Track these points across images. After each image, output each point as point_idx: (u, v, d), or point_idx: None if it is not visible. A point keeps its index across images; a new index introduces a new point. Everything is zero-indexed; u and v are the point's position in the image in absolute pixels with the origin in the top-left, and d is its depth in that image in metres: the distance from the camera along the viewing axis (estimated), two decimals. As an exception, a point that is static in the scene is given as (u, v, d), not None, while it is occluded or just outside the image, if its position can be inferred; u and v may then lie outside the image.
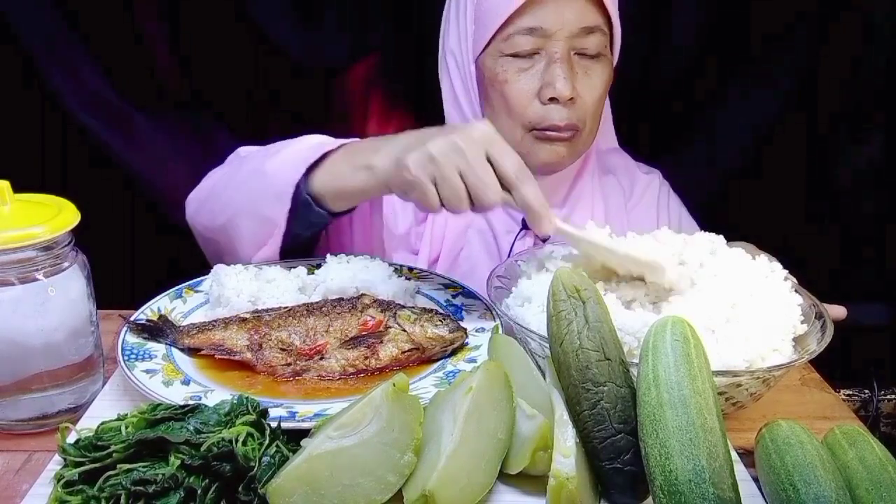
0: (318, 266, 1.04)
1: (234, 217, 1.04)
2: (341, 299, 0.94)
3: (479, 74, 1.16)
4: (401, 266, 1.08)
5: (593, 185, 1.24)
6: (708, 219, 1.27)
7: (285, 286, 0.98)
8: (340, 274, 0.98)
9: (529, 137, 1.13)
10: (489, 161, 0.85)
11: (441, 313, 0.91)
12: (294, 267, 1.02)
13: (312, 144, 1.01)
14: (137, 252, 1.55)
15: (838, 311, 0.96)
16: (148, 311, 0.94)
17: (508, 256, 1.16)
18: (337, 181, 0.97)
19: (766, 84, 1.52)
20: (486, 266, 1.11)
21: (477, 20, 1.14)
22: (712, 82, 1.54)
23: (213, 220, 1.08)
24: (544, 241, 1.14)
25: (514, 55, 1.10)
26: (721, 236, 0.94)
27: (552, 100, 1.09)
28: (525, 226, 1.19)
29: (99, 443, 0.66)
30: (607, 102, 1.26)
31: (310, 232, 1.04)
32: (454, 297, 1.02)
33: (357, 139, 1.01)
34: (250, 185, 1.03)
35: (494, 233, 1.22)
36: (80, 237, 0.81)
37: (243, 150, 1.12)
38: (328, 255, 1.04)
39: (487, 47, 1.13)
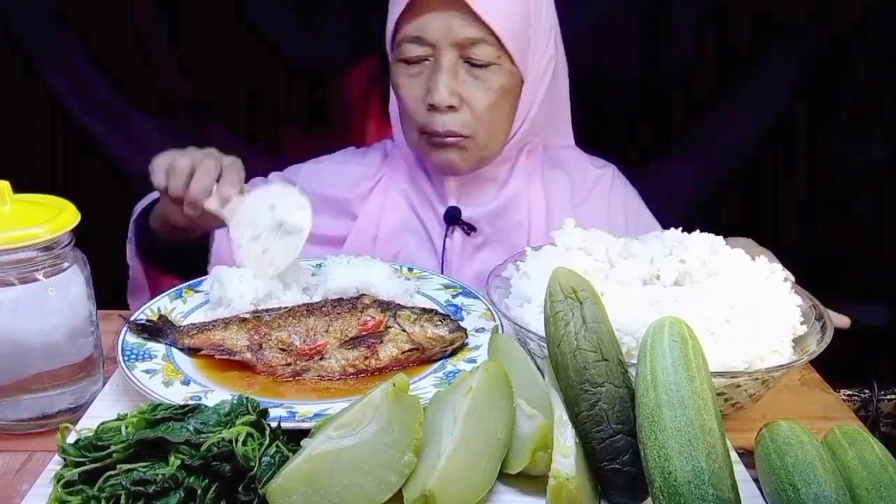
0: (319, 266, 1.04)
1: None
2: (341, 299, 0.94)
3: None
4: (400, 266, 1.08)
5: (531, 183, 1.25)
6: (706, 218, 1.26)
7: (289, 282, 0.98)
8: (341, 274, 0.98)
9: (423, 140, 1.16)
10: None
11: (441, 313, 0.91)
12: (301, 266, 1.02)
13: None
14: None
15: (842, 321, 0.97)
16: (148, 311, 0.94)
17: (443, 252, 1.22)
18: (158, 209, 1.11)
19: (764, 85, 1.52)
20: (429, 265, 1.19)
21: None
22: (711, 83, 1.54)
23: None
24: (469, 234, 1.20)
25: (405, 61, 1.13)
26: (720, 237, 0.94)
27: (432, 107, 1.11)
28: (448, 222, 1.22)
29: (99, 443, 0.67)
30: (565, 103, 1.27)
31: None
32: (454, 297, 1.02)
33: None
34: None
35: (429, 233, 1.24)
36: (80, 237, 0.81)
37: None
38: (328, 256, 1.04)
39: (393, 52, 1.16)
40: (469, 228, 1.21)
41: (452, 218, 1.21)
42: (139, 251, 1.19)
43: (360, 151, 1.34)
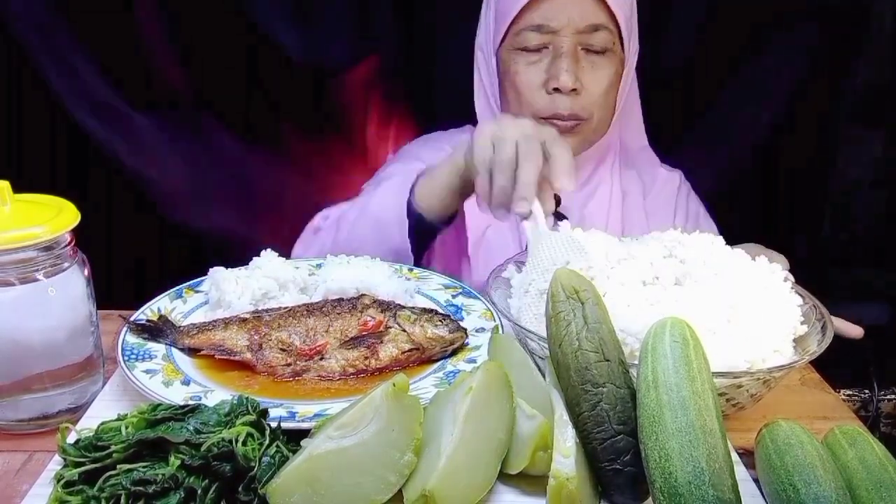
0: (319, 266, 1.04)
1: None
2: (341, 299, 0.94)
3: (498, 67, 1.24)
4: (400, 266, 1.08)
5: (612, 176, 1.30)
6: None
7: (285, 282, 0.98)
8: (341, 274, 0.98)
9: None
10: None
11: (441, 313, 0.91)
12: (298, 267, 1.02)
13: (405, 172, 1.13)
14: (137, 252, 1.55)
15: (855, 331, 0.99)
16: (148, 311, 0.94)
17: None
18: (433, 182, 1.09)
19: (767, 85, 1.52)
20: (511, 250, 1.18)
21: (496, 17, 1.21)
22: (716, 81, 1.54)
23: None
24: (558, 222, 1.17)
25: (524, 49, 1.18)
26: (721, 237, 0.94)
27: (556, 90, 1.16)
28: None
29: (99, 443, 0.66)
30: (637, 101, 1.31)
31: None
32: (454, 297, 1.02)
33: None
34: (361, 233, 1.13)
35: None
36: (80, 237, 0.81)
37: (319, 219, 1.22)
38: (328, 256, 1.04)
39: (504, 42, 1.21)
40: (559, 217, 1.20)
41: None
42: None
43: (448, 135, 1.36)
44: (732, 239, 0.96)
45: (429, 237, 1.11)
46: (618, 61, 1.20)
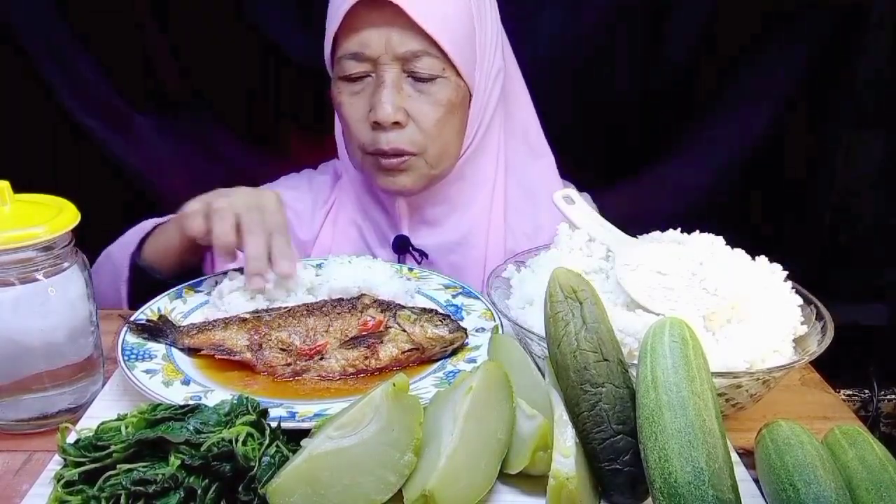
0: (320, 266, 1.04)
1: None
2: (341, 299, 0.94)
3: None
4: (400, 266, 1.08)
5: (492, 213, 1.18)
6: (705, 218, 1.26)
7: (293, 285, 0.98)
8: (342, 274, 0.98)
9: (368, 160, 1.11)
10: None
11: (441, 313, 0.91)
12: (305, 267, 1.02)
13: (144, 224, 1.12)
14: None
15: None
16: (148, 311, 0.94)
17: None
18: (158, 241, 1.07)
19: (763, 86, 1.52)
20: None
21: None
22: (711, 83, 1.54)
23: None
24: (420, 262, 1.17)
25: (346, 78, 1.08)
26: (721, 237, 0.94)
27: (377, 124, 1.05)
28: (398, 251, 1.18)
29: (99, 443, 0.67)
30: (530, 115, 1.21)
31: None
32: (454, 297, 1.02)
33: None
34: (101, 270, 1.12)
35: (372, 250, 1.21)
36: (80, 237, 0.81)
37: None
38: (330, 256, 1.04)
39: (333, 69, 1.11)
40: (421, 255, 1.17)
41: (401, 246, 1.18)
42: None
43: (307, 175, 1.30)
44: (732, 239, 0.96)
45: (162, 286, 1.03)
46: (453, 90, 1.07)
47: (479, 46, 1.09)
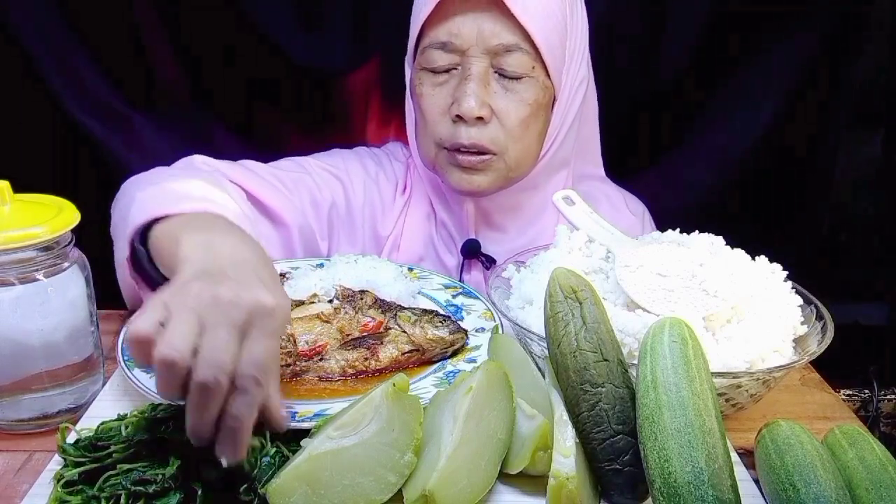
0: (320, 266, 1.04)
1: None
2: (347, 291, 0.93)
3: (413, 88, 1.10)
4: (401, 266, 1.08)
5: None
6: (705, 218, 1.26)
7: (304, 286, 0.98)
8: (348, 273, 0.98)
9: (443, 156, 1.07)
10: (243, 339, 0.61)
11: (441, 315, 0.91)
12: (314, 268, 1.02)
13: (174, 193, 0.89)
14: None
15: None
16: (148, 312, 0.93)
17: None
18: (160, 246, 0.82)
19: (764, 85, 1.52)
20: None
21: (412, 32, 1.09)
22: (710, 82, 1.54)
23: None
24: (488, 268, 1.12)
25: (431, 70, 1.04)
26: (720, 237, 0.94)
27: (459, 118, 1.02)
28: (466, 255, 1.14)
29: (99, 443, 0.67)
30: (596, 129, 1.20)
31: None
32: (454, 297, 1.02)
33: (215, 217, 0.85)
34: (120, 212, 0.97)
35: (446, 266, 1.17)
36: (80, 237, 0.81)
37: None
38: (335, 255, 1.04)
39: (415, 60, 1.08)
40: (489, 262, 1.13)
41: (471, 251, 1.13)
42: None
43: (385, 154, 1.24)
44: (732, 239, 0.96)
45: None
46: (540, 91, 1.03)
47: (570, 50, 1.07)
